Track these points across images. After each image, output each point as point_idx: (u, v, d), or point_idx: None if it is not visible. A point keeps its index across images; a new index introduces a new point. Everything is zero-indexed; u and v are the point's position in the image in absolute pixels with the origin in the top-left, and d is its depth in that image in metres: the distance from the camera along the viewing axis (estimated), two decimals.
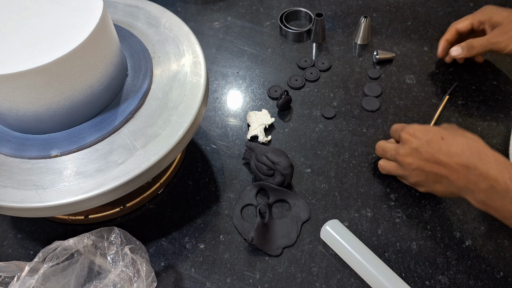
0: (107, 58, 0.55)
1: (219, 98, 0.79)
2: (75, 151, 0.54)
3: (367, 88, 0.79)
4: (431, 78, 0.80)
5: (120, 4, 0.70)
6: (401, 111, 0.75)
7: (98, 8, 0.53)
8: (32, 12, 0.53)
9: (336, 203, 0.65)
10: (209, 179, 0.68)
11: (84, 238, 0.54)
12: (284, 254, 0.60)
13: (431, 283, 0.57)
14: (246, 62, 0.85)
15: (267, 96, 0.79)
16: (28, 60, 0.48)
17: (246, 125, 0.75)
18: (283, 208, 0.65)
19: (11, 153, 0.54)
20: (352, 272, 0.58)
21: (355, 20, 0.91)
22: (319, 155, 0.70)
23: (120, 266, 0.52)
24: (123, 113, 0.56)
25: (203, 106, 0.59)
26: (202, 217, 0.64)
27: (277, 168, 0.63)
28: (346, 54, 0.85)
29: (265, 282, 0.58)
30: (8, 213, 0.52)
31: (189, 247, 0.62)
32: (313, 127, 0.74)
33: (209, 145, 0.72)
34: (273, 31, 0.90)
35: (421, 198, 0.65)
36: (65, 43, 0.49)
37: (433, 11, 0.92)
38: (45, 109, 0.52)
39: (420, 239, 0.61)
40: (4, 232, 0.64)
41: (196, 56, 0.63)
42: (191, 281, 0.58)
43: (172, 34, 0.65)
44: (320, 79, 0.81)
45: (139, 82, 0.59)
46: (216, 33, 0.90)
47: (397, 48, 0.85)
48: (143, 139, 0.54)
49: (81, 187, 0.50)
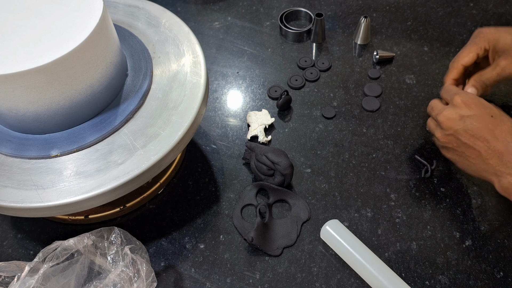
0: (107, 58, 0.55)
1: (219, 98, 0.79)
2: (75, 151, 0.54)
3: (367, 88, 0.79)
4: (431, 78, 0.80)
5: (120, 4, 0.70)
6: (401, 111, 0.75)
7: (98, 8, 0.53)
8: (32, 12, 0.53)
9: (336, 203, 0.65)
10: (209, 179, 0.68)
11: (84, 238, 0.54)
12: (284, 254, 0.60)
13: (431, 283, 0.57)
14: (246, 62, 0.85)
15: (267, 96, 0.79)
16: (28, 60, 0.48)
17: (246, 125, 0.75)
18: (283, 208, 0.65)
19: (11, 153, 0.54)
20: (352, 272, 0.58)
21: (355, 20, 0.91)
22: (319, 155, 0.70)
23: (120, 266, 0.52)
24: (123, 113, 0.56)
25: (203, 106, 0.59)
26: (202, 217, 0.64)
27: (277, 168, 0.63)
28: (346, 54, 0.85)
29: (265, 282, 0.58)
30: (8, 213, 0.52)
31: (189, 247, 0.62)
32: (313, 127, 0.74)
33: (209, 145, 0.72)
34: (273, 31, 0.90)
35: (421, 198, 0.65)
36: (65, 43, 0.49)
37: (433, 11, 0.92)
38: (45, 109, 0.52)
39: (420, 239, 0.61)
40: (4, 232, 0.64)
41: (196, 56, 0.63)
42: (191, 281, 0.58)
43: (172, 34, 0.65)
44: (320, 79, 0.81)
45: (139, 82, 0.59)
46: (216, 33, 0.90)
47: (397, 48, 0.85)
48: (143, 139, 0.54)
49: (81, 187, 0.50)
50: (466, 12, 0.91)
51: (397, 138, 0.72)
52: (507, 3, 0.92)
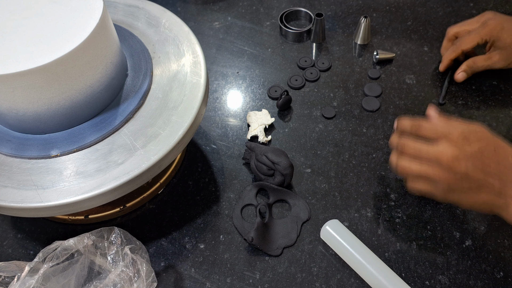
0: (107, 58, 0.55)
1: (219, 98, 0.79)
2: (75, 151, 0.54)
3: (367, 88, 0.79)
4: (431, 78, 0.80)
5: (120, 4, 0.70)
6: (401, 111, 0.75)
7: (98, 8, 0.53)
8: (32, 12, 0.53)
9: (336, 203, 0.65)
10: (209, 179, 0.68)
11: (84, 238, 0.54)
12: (284, 254, 0.60)
13: (431, 283, 0.57)
14: (246, 62, 0.85)
15: (267, 96, 0.79)
16: (28, 60, 0.48)
17: (246, 125, 0.75)
18: (283, 208, 0.65)
19: (11, 153, 0.54)
20: (352, 272, 0.58)
21: (355, 20, 0.91)
22: (319, 155, 0.70)
23: (120, 266, 0.52)
24: (123, 113, 0.56)
25: (203, 106, 0.59)
26: (202, 217, 0.64)
27: (277, 168, 0.63)
28: (346, 54, 0.85)
29: (265, 282, 0.58)
30: (8, 213, 0.52)
31: (189, 247, 0.62)
32: (313, 127, 0.74)
33: (209, 145, 0.72)
34: (273, 31, 0.90)
35: (421, 198, 0.65)
36: (65, 43, 0.49)
37: (433, 11, 0.92)
38: (45, 109, 0.52)
39: (420, 239, 0.61)
40: (4, 232, 0.64)
41: (196, 56, 0.63)
42: (191, 281, 0.58)
43: (172, 34, 0.65)
44: (320, 79, 0.81)
45: (139, 82, 0.59)
46: (216, 33, 0.90)
47: (397, 48, 0.85)
48: (143, 139, 0.54)
49: (81, 187, 0.50)
50: (466, 12, 0.91)
51: None
52: (507, 3, 0.92)
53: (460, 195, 0.52)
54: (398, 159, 0.54)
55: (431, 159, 0.51)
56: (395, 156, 0.55)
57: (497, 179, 0.50)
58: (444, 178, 0.51)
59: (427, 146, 0.52)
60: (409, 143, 0.54)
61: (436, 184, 0.52)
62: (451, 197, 0.52)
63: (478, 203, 0.51)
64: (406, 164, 0.53)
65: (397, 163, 0.54)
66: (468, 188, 0.51)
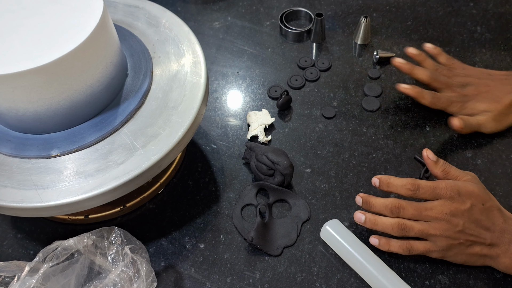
0: (107, 58, 0.55)
1: (219, 98, 0.79)
2: (75, 151, 0.54)
3: (367, 88, 0.79)
4: None
5: (120, 4, 0.70)
6: (401, 111, 0.75)
7: (98, 8, 0.53)
8: (32, 11, 0.53)
9: (336, 203, 0.65)
10: (209, 179, 0.68)
11: (84, 238, 0.54)
12: (284, 254, 0.60)
13: (431, 283, 0.57)
14: (246, 62, 0.85)
15: (267, 96, 0.79)
16: (28, 60, 0.48)
17: (246, 125, 0.75)
18: (283, 208, 0.65)
19: (11, 153, 0.54)
20: (352, 272, 0.58)
21: (355, 20, 0.91)
22: (319, 155, 0.70)
23: (120, 266, 0.52)
24: (123, 113, 0.56)
25: (203, 106, 0.59)
26: (202, 217, 0.64)
27: (277, 168, 0.63)
28: (346, 54, 0.85)
29: (265, 282, 0.58)
30: (8, 213, 0.52)
31: (189, 247, 0.62)
32: (313, 127, 0.74)
33: (209, 145, 0.72)
34: (273, 31, 0.90)
35: None
36: (65, 43, 0.49)
37: (433, 11, 0.92)
38: (45, 109, 0.52)
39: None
40: (4, 232, 0.64)
41: (196, 56, 0.63)
42: (191, 281, 0.58)
43: (172, 34, 0.65)
44: (320, 79, 0.81)
45: (139, 82, 0.59)
46: (216, 33, 0.90)
47: (397, 48, 0.85)
48: (143, 139, 0.54)
49: (81, 187, 0.50)
50: (466, 12, 0.91)
51: (397, 138, 0.72)
52: (507, 3, 0.92)
53: (457, 250, 0.55)
54: (396, 220, 0.56)
55: (431, 217, 0.54)
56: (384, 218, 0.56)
57: (488, 232, 0.54)
58: (445, 233, 0.54)
59: (425, 206, 0.55)
60: (407, 206, 0.56)
61: (435, 242, 0.55)
62: (448, 254, 0.56)
63: (472, 256, 0.56)
64: (408, 224, 0.55)
65: (396, 223, 0.55)
66: (464, 242, 0.55)
